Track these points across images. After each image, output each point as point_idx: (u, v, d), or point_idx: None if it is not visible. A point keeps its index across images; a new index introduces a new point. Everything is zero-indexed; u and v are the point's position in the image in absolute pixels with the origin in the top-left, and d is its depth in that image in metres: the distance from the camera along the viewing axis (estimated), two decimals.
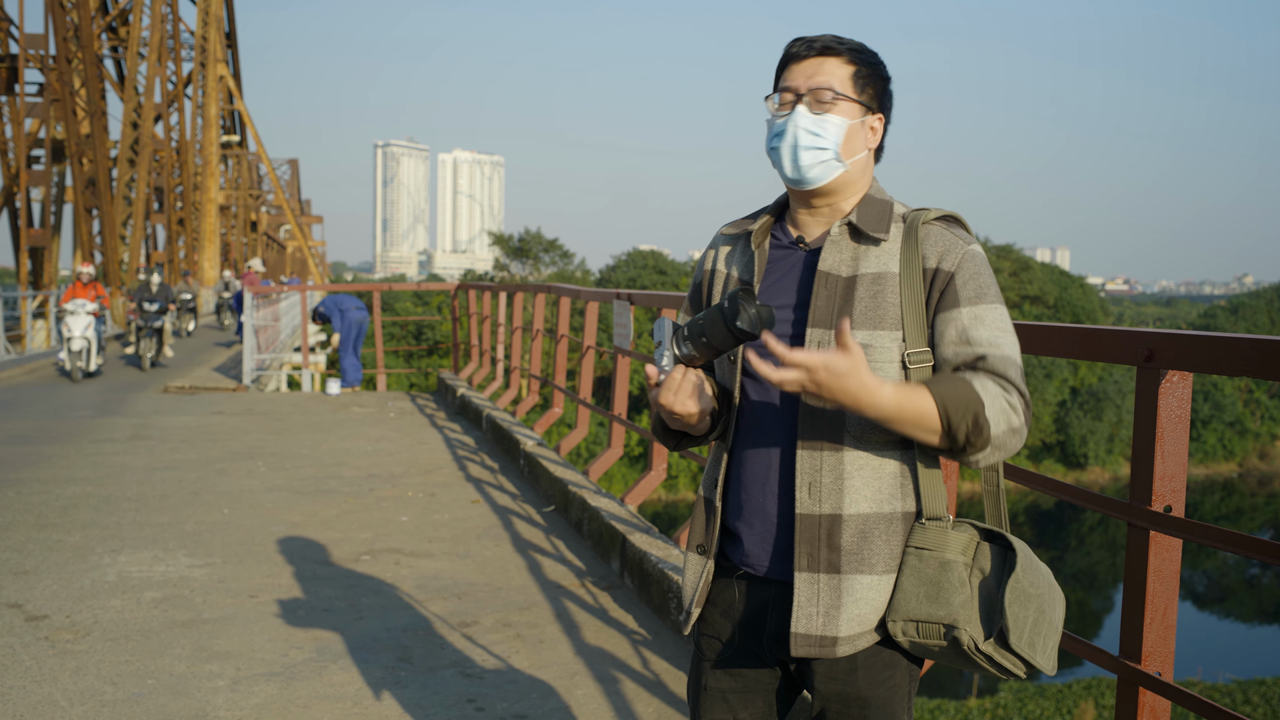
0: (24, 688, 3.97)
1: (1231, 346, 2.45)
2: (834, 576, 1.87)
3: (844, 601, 1.87)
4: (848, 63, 1.94)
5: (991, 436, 1.78)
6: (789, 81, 1.95)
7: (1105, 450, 52.03)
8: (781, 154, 1.93)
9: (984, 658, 1.82)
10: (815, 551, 1.87)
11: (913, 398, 1.76)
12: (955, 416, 1.76)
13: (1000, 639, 1.80)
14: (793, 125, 1.91)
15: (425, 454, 9.40)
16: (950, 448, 1.81)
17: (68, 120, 33.37)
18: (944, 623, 1.82)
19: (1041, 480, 3.03)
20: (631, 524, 5.73)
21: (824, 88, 1.92)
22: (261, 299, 16.96)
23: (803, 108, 1.92)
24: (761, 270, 1.99)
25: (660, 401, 1.88)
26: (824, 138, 1.90)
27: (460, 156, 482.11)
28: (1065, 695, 23.71)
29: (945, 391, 1.77)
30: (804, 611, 1.88)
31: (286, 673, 4.19)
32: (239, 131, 58.25)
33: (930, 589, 1.84)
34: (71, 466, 8.48)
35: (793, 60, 1.96)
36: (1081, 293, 62.95)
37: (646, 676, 4.22)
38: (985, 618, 1.81)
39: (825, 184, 1.93)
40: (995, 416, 1.78)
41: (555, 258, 57.49)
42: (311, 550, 5.99)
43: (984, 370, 1.83)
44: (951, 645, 1.82)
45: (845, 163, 1.92)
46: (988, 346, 1.83)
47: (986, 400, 1.78)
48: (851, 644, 1.88)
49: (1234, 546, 2.38)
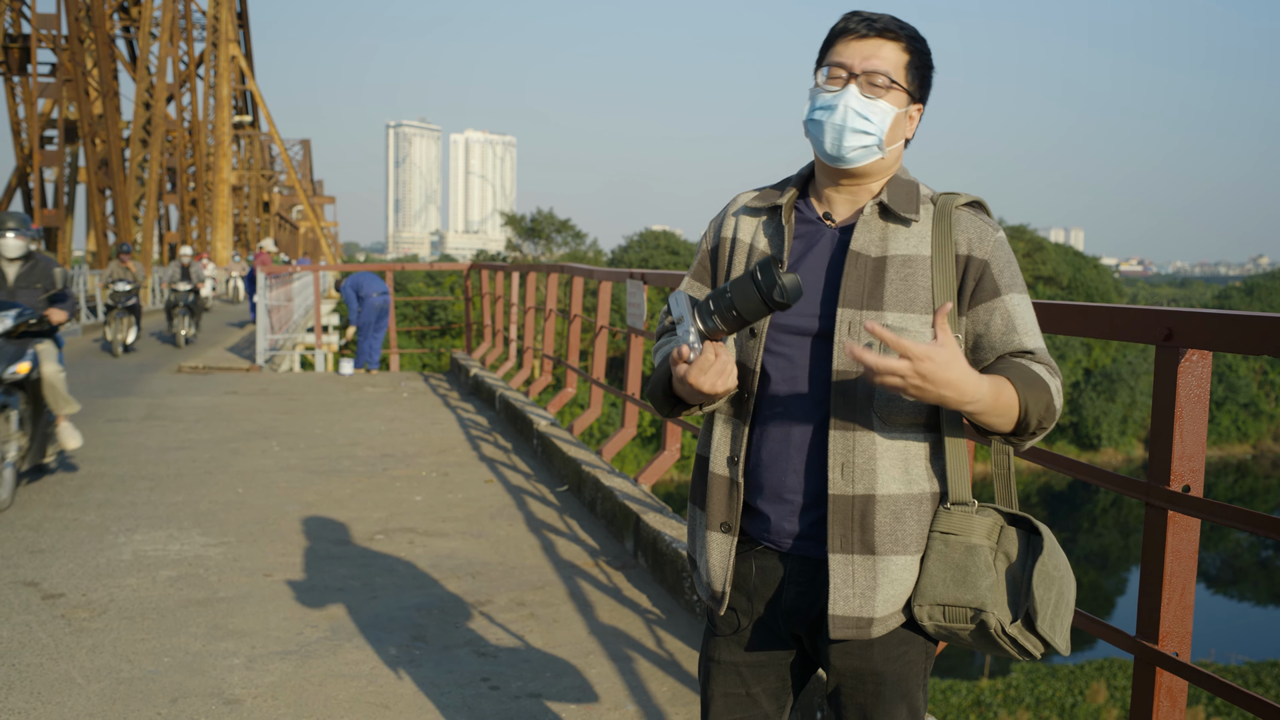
0: (41, 665, 4.00)
1: (1251, 325, 2.43)
2: (869, 558, 1.86)
3: (880, 582, 1.86)
4: (905, 50, 1.90)
5: (1054, 422, 1.84)
6: (843, 58, 1.90)
7: (1119, 432, 51.92)
8: (825, 130, 1.89)
9: (1008, 640, 1.83)
10: (849, 532, 1.86)
11: (1002, 388, 1.78)
12: (1034, 406, 1.79)
13: (1027, 621, 1.82)
14: (843, 104, 1.87)
15: (439, 434, 9.42)
16: (1015, 433, 1.83)
17: (80, 100, 33.44)
18: (972, 606, 1.83)
19: (1060, 460, 3.01)
20: (645, 503, 5.73)
21: (880, 72, 1.88)
22: (274, 279, 16.98)
23: (855, 88, 1.88)
24: (789, 245, 1.95)
25: (691, 381, 1.81)
26: (871, 122, 1.87)
27: (472, 137, 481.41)
28: (1077, 676, 23.72)
29: (1020, 380, 1.80)
30: (841, 593, 1.87)
31: (301, 651, 4.21)
32: (251, 112, 58.31)
33: (957, 573, 1.84)
34: (87, 446, 8.50)
35: (848, 35, 1.91)
36: (1096, 274, 62.67)
37: (660, 655, 4.22)
38: (1011, 601, 1.83)
39: (861, 166, 1.91)
40: (1059, 403, 1.84)
41: (568, 238, 57.43)
42: (325, 529, 6.01)
43: (1035, 360, 1.86)
44: (978, 629, 1.83)
45: (885, 150, 1.90)
46: (1034, 340, 1.87)
47: (1053, 389, 1.82)
48: (884, 625, 1.89)
49: (1253, 526, 2.37)
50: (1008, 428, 1.81)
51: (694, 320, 1.80)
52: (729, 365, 1.82)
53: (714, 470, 1.99)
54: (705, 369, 1.80)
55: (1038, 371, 1.82)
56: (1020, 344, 1.86)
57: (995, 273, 1.88)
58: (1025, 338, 1.87)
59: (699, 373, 1.80)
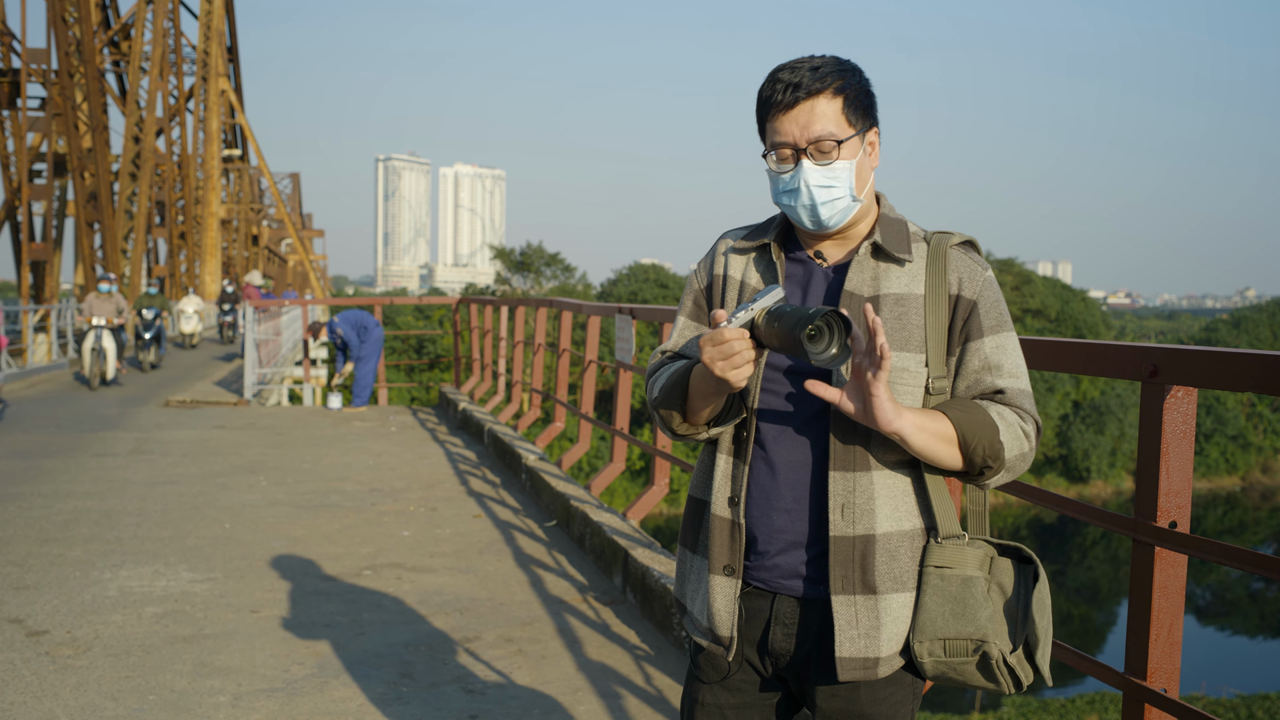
0: (24, 703, 3.96)
1: (1235, 362, 2.45)
2: (870, 597, 1.86)
3: (883, 621, 1.86)
4: (834, 95, 1.85)
5: (1005, 461, 1.83)
6: (783, 135, 1.87)
7: (1108, 464, 51.91)
8: (798, 211, 1.89)
9: (1007, 670, 1.84)
10: (850, 573, 1.86)
11: (931, 420, 1.80)
12: (973, 441, 1.81)
13: (1027, 650, 1.85)
14: (803, 184, 1.86)
15: (427, 468, 9.39)
16: (967, 470, 1.86)
17: (69, 134, 33.43)
18: (974, 638, 1.83)
19: (1046, 496, 3.02)
20: (634, 539, 5.71)
21: (823, 137, 1.85)
22: (262, 313, 16.95)
23: (808, 163, 1.86)
24: (782, 283, 1.95)
25: (704, 355, 1.77)
26: (837, 186, 1.87)
27: (461, 170, 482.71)
28: (1069, 710, 23.59)
29: (962, 418, 1.82)
30: (846, 634, 1.86)
31: (288, 688, 4.17)
32: (240, 145, 58.35)
33: (956, 606, 1.85)
34: (73, 481, 8.47)
35: (778, 109, 1.87)
36: (1084, 306, 62.88)
37: (649, 692, 4.20)
38: (1011, 631, 1.85)
39: (845, 222, 1.92)
40: (1009, 442, 1.83)
41: (557, 271, 57.46)
42: (313, 565, 5.98)
43: (1001, 402, 1.88)
44: (980, 660, 1.84)
45: (860, 198, 1.90)
46: (1008, 379, 1.88)
47: (1002, 426, 1.82)
48: (889, 665, 1.89)
49: (1239, 562, 2.37)
50: (952, 461, 1.83)
51: (753, 310, 1.76)
52: (746, 359, 1.77)
53: (715, 512, 1.96)
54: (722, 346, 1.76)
55: (987, 410, 1.83)
56: (992, 384, 1.88)
57: (981, 313, 1.90)
58: (999, 379, 1.88)
59: (713, 347, 1.76)
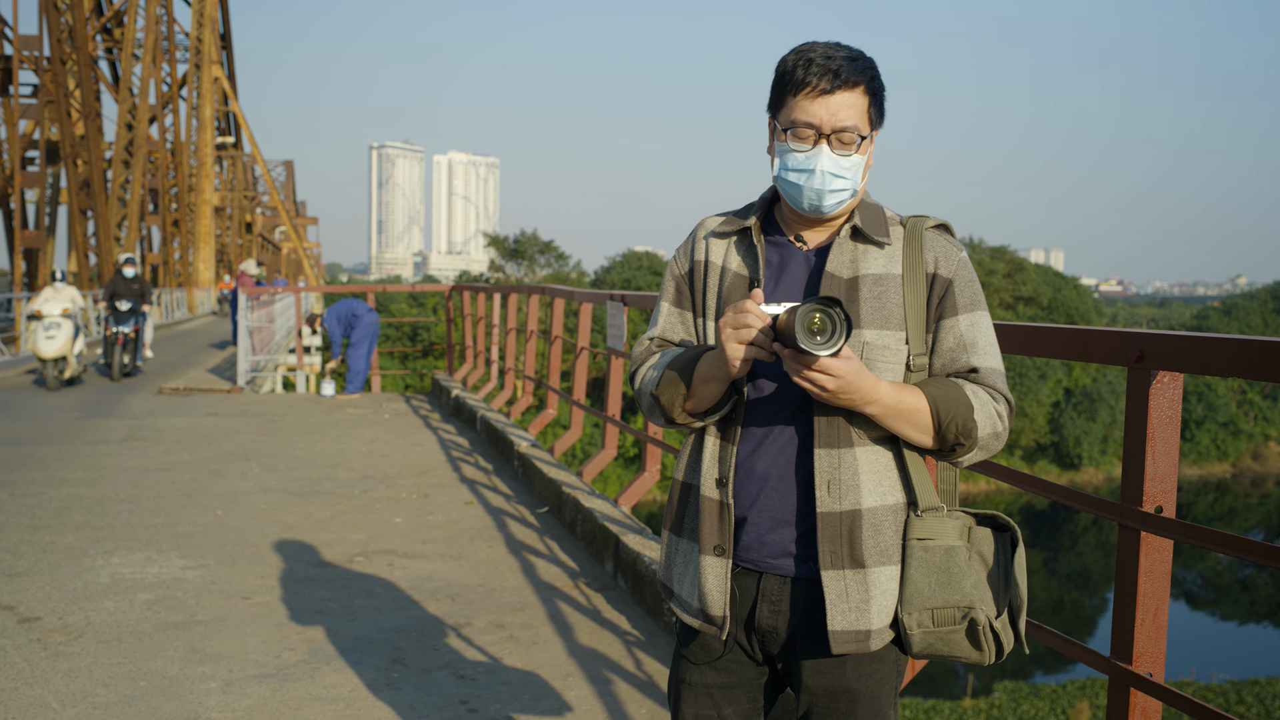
0: (15, 690, 3.97)
1: (1222, 347, 2.46)
2: (859, 571, 1.89)
3: (872, 594, 1.89)
4: (865, 93, 1.87)
5: (978, 439, 1.86)
6: (809, 116, 1.86)
7: (1099, 451, 52.09)
8: (803, 191, 1.90)
9: (992, 636, 1.87)
10: (838, 548, 1.89)
11: (906, 395, 1.83)
12: (945, 418, 1.84)
13: (1011, 616, 1.90)
14: (819, 168, 1.87)
15: (419, 455, 9.40)
16: (939, 448, 1.89)
17: (62, 122, 33.32)
18: (960, 606, 1.87)
19: (1035, 482, 3.03)
20: (625, 525, 5.73)
21: (849, 128, 1.86)
22: (256, 300, 16.92)
23: (826, 148, 1.87)
24: (763, 266, 1.97)
25: (721, 320, 1.81)
26: (847, 178, 1.89)
27: (455, 158, 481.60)
28: (1059, 695, 23.70)
29: (937, 394, 1.85)
30: (837, 609, 1.88)
31: (279, 674, 4.19)
32: (234, 133, 58.23)
33: (941, 576, 1.88)
34: (65, 468, 8.47)
35: (810, 91, 1.86)
36: (1075, 294, 63.03)
37: (640, 678, 4.22)
38: (995, 596, 1.89)
39: (837, 211, 1.94)
40: (983, 420, 1.86)
41: (550, 259, 57.48)
42: (305, 552, 5.99)
43: (975, 381, 1.91)
44: (968, 628, 1.87)
45: (858, 192, 1.94)
46: (981, 358, 1.91)
47: (976, 405, 1.86)
48: (880, 638, 1.91)
49: (1224, 547, 2.38)
50: (923, 439, 1.87)
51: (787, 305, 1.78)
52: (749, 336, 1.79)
53: (704, 494, 1.97)
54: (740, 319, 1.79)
55: (963, 387, 1.87)
56: (967, 363, 1.91)
57: (957, 291, 1.93)
58: (974, 357, 1.91)
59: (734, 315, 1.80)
